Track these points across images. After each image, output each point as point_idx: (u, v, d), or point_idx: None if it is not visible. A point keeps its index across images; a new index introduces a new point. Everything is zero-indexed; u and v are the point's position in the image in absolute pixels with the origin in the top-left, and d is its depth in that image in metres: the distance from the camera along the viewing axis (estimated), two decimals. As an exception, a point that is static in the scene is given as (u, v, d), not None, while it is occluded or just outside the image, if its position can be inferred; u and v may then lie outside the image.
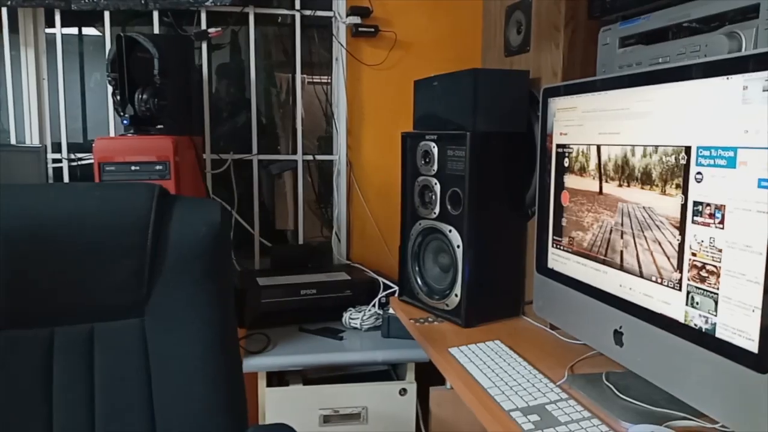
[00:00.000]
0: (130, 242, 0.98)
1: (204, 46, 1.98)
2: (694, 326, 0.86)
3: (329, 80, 2.16)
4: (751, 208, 0.76)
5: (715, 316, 0.82)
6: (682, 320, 0.89)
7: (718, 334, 0.82)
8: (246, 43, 2.02)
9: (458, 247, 1.42)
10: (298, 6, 2.04)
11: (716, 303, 0.82)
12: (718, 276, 0.82)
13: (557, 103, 1.21)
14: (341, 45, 2.05)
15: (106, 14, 1.91)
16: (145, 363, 0.99)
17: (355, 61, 2.08)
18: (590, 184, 1.11)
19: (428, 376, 1.73)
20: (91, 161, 1.94)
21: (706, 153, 0.83)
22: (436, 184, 1.48)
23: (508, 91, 1.41)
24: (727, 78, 0.79)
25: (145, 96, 1.46)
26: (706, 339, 0.84)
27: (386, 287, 1.85)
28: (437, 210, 1.48)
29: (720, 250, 0.81)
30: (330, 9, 2.07)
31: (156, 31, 1.95)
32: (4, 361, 0.92)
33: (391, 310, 1.72)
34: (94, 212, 0.97)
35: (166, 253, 1.00)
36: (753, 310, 0.76)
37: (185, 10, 1.95)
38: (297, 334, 1.74)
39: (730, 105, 0.79)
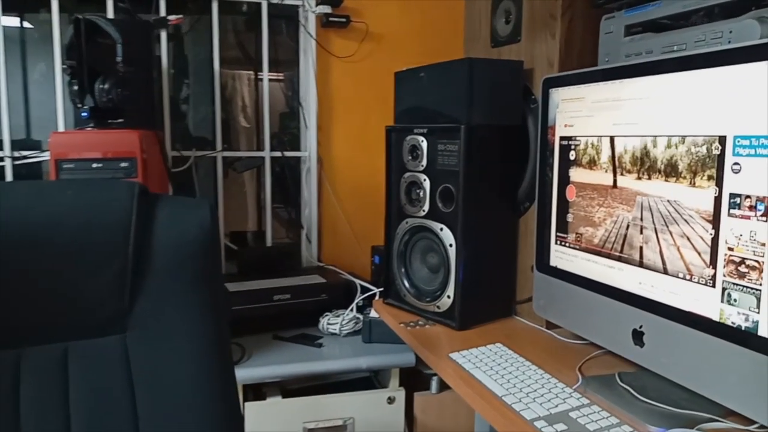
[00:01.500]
0: (109, 248, 0.86)
1: (163, 34, 1.83)
2: (731, 324, 0.82)
3: (289, 75, 2.06)
4: (802, 199, 0.72)
5: (758, 313, 0.78)
6: (716, 318, 0.84)
7: (761, 333, 0.78)
8: (199, 33, 1.90)
9: (450, 246, 1.35)
10: (264, -6, 1.92)
11: (758, 300, 0.78)
12: (761, 271, 0.78)
13: (560, 94, 1.16)
14: (311, 36, 1.95)
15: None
16: (129, 386, 0.87)
17: (324, 53, 1.99)
18: (602, 177, 1.06)
19: (411, 381, 1.66)
20: (38, 159, 1.78)
21: (746, 143, 0.79)
22: (425, 180, 1.40)
23: (501, 82, 1.35)
24: (772, 62, 0.75)
25: (106, 86, 1.32)
26: (746, 337, 0.80)
27: (364, 290, 1.77)
28: (426, 207, 1.41)
29: (763, 244, 0.77)
30: (293, -2, 1.97)
31: (110, 17, 1.79)
32: (-38, 389, 0.79)
33: (372, 314, 1.64)
34: (66, 215, 0.84)
35: (151, 259, 0.88)
36: (806, 307, 0.72)
37: (142, -6, 1.80)
38: (272, 343, 1.63)
39: (775, 91, 0.75)
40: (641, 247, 0.98)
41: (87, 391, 0.85)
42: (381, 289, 1.65)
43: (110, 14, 1.78)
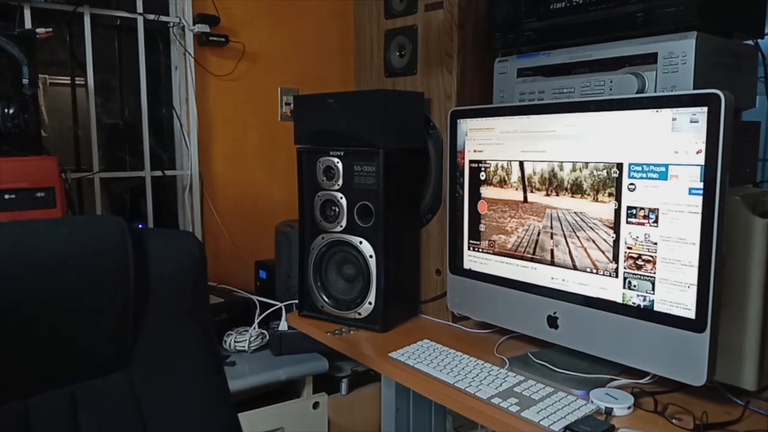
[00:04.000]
0: (110, 287, 0.86)
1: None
2: (632, 304, 1.10)
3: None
4: (683, 210, 1.01)
5: (653, 294, 1.06)
6: (620, 301, 1.12)
7: (656, 308, 1.06)
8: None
9: (371, 257, 1.50)
10: (140, 9, 1.86)
11: (653, 284, 1.06)
12: (654, 263, 1.06)
13: (469, 124, 1.37)
14: (189, 54, 1.94)
15: None
16: (140, 419, 0.88)
17: (199, 70, 1.99)
18: (513, 194, 1.30)
19: (321, 385, 1.76)
20: None
21: (638, 168, 1.07)
22: (341, 198, 1.53)
23: (407, 111, 1.53)
24: (657, 111, 1.03)
25: (12, 110, 1.22)
26: (645, 313, 1.08)
27: (264, 305, 1.82)
28: (344, 223, 1.53)
29: (655, 243, 1.05)
30: (167, 14, 1.94)
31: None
32: (-25, 450, 0.74)
33: (281, 327, 1.71)
34: (63, 258, 0.83)
35: (149, 295, 0.90)
36: (689, 287, 1.01)
37: (7, 4, 1.64)
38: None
39: (659, 132, 1.03)
40: (552, 250, 1.23)
41: (100, 429, 0.84)
42: (285, 303, 1.73)
43: (-37, 24, 1.60)
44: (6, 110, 1.22)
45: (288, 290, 1.82)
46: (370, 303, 1.51)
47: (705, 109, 0.97)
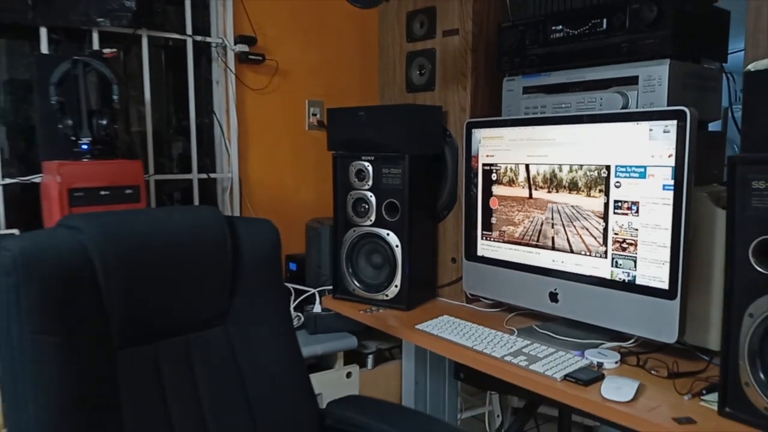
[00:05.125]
0: (215, 260, 1.11)
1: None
2: (618, 279, 1.35)
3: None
4: (658, 202, 1.27)
5: (635, 271, 1.32)
6: (608, 277, 1.37)
7: (638, 282, 1.32)
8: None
9: (397, 246, 1.75)
10: (189, 31, 2.12)
11: (635, 263, 1.32)
12: (636, 246, 1.31)
13: (482, 133, 1.63)
14: (230, 70, 2.19)
15: (-12, 28, 1.77)
16: (236, 364, 1.12)
17: (239, 85, 2.24)
18: (520, 192, 1.55)
19: (349, 360, 2.01)
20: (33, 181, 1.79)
21: (623, 169, 1.33)
22: (371, 196, 1.78)
23: (427, 122, 1.78)
24: (637, 123, 1.29)
25: (105, 122, 1.47)
26: (629, 286, 1.33)
27: (298, 292, 2.07)
28: (373, 218, 1.78)
29: (636, 229, 1.31)
30: (209, 35, 2.19)
31: (44, 49, 1.85)
32: (126, 378, 0.98)
33: (316, 309, 1.96)
34: (187, 234, 1.08)
35: (241, 268, 1.16)
36: (663, 264, 1.27)
37: (75, 28, 1.90)
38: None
39: (641, 140, 1.29)
40: (553, 237, 1.48)
41: (208, 370, 1.10)
42: (317, 289, 1.98)
43: (44, 47, 1.85)
44: (99, 121, 1.47)
45: (318, 279, 2.07)
46: (396, 286, 1.76)
47: (675, 122, 1.23)
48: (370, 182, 1.78)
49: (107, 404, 0.94)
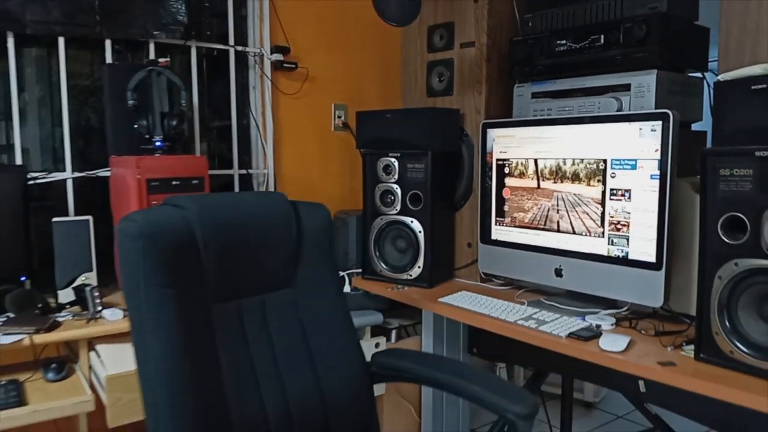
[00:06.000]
0: (285, 232, 1.36)
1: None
2: (614, 255, 1.60)
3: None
4: (646, 189, 1.51)
5: (628, 248, 1.57)
6: (605, 254, 1.62)
7: (630, 257, 1.56)
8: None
9: (420, 232, 2.00)
10: (232, 42, 2.37)
11: (628, 241, 1.57)
12: (628, 226, 1.56)
13: (496, 132, 1.88)
14: (267, 76, 2.44)
15: (61, 40, 2.02)
16: (300, 323, 1.37)
17: (274, 90, 2.49)
18: (529, 182, 1.80)
19: (375, 335, 2.25)
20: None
21: (617, 162, 1.58)
22: (397, 188, 2.03)
23: (446, 123, 2.03)
24: (629, 124, 1.54)
25: (174, 122, 1.72)
26: (623, 261, 1.58)
27: (328, 274, 2.31)
28: (399, 207, 2.03)
29: (629, 213, 1.56)
30: (246, 45, 2.45)
31: (108, 58, 2.11)
32: (219, 325, 1.23)
33: (345, 289, 2.21)
34: (262, 213, 1.33)
35: (303, 240, 1.40)
36: (651, 241, 1.51)
37: (135, 40, 2.15)
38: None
39: (634, 137, 1.54)
40: (558, 221, 1.73)
41: (278, 324, 1.34)
42: (346, 272, 2.23)
43: (108, 56, 2.10)
44: (170, 122, 1.72)
45: (346, 263, 2.32)
46: (419, 267, 2.01)
47: (660, 122, 1.48)
48: (396, 176, 2.03)
49: (208, 343, 1.18)
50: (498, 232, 1.91)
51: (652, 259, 1.52)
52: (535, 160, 1.78)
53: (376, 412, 1.43)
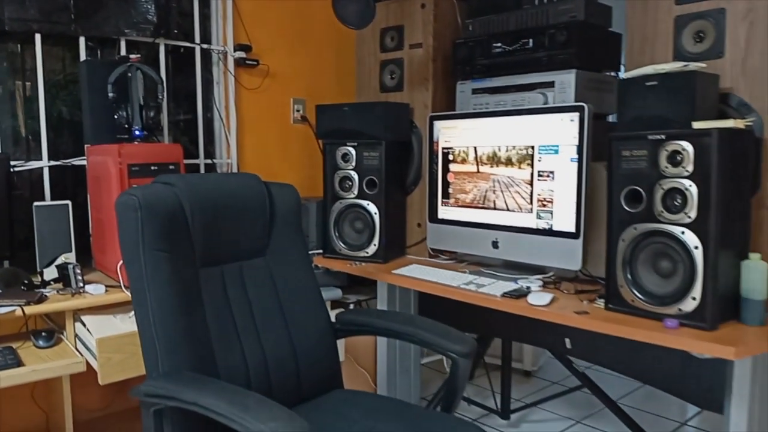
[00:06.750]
0: (260, 208, 1.57)
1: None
2: (541, 228, 1.87)
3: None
4: (567, 171, 1.79)
5: (552, 220, 1.84)
6: (534, 227, 1.89)
7: (554, 229, 1.84)
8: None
9: (375, 214, 2.23)
10: (198, 40, 2.54)
11: (552, 215, 1.84)
12: (553, 203, 1.84)
13: (442, 124, 2.13)
14: (230, 72, 2.63)
15: (38, 37, 2.15)
16: (273, 286, 1.57)
17: (236, 85, 2.68)
18: (470, 168, 2.06)
19: (335, 308, 2.47)
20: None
21: (543, 148, 1.85)
22: (355, 175, 2.25)
23: (399, 115, 2.27)
24: (553, 115, 1.81)
25: (152, 113, 1.90)
26: (548, 232, 1.85)
27: (290, 255, 2.51)
28: (356, 192, 2.26)
29: (553, 191, 1.83)
30: (209, 43, 2.62)
31: (82, 55, 2.25)
32: (205, 287, 1.43)
33: (308, 268, 2.41)
34: (240, 191, 1.53)
35: (275, 215, 1.61)
36: (571, 214, 1.79)
37: (107, 38, 2.30)
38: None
39: (557, 126, 1.81)
40: (494, 200, 2.00)
41: (255, 288, 1.54)
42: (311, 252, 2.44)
43: (82, 53, 2.25)
44: (149, 113, 1.89)
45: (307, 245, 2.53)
46: (375, 245, 2.24)
47: (577, 114, 1.76)
48: (354, 163, 2.26)
49: (196, 300, 1.38)
50: (444, 212, 2.17)
51: (572, 229, 1.80)
52: (475, 148, 2.04)
53: (339, 364, 1.65)
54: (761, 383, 1.55)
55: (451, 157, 2.12)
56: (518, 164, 1.92)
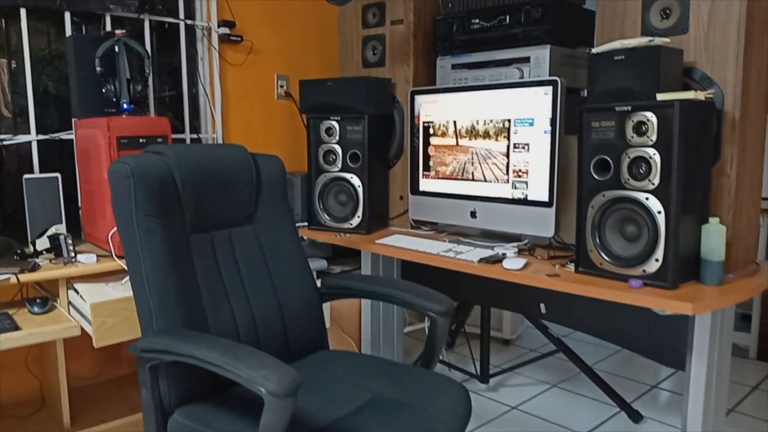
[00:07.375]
0: (247, 178, 1.63)
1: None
2: (516, 198, 1.96)
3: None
4: (542, 143, 1.87)
5: (527, 190, 1.93)
6: (510, 197, 1.98)
7: (529, 198, 1.93)
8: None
9: (359, 187, 2.30)
10: (182, 16, 2.57)
11: (527, 185, 1.93)
12: (528, 173, 1.92)
13: (422, 99, 2.20)
14: (215, 48, 2.67)
15: (23, 11, 2.17)
16: (261, 252, 1.65)
17: (221, 61, 2.72)
18: (449, 141, 2.14)
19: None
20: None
21: (519, 121, 1.93)
22: (338, 148, 2.32)
23: (381, 90, 2.34)
24: (528, 89, 1.89)
25: (139, 87, 1.94)
26: (524, 201, 1.94)
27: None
28: (340, 165, 2.33)
29: (528, 162, 1.92)
30: (193, 19, 2.65)
31: (68, 30, 2.28)
32: (196, 252, 1.50)
33: (293, 240, 2.49)
34: (227, 161, 1.60)
35: (261, 185, 1.68)
36: (545, 184, 1.88)
37: (92, 13, 2.32)
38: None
39: (532, 100, 1.89)
40: (473, 172, 2.08)
41: (243, 253, 1.62)
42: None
43: (67, 28, 2.27)
44: (136, 87, 1.94)
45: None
46: (358, 217, 2.32)
47: (551, 88, 1.84)
48: (337, 137, 2.32)
49: (188, 264, 1.45)
50: (425, 184, 2.25)
51: (546, 198, 1.89)
52: (455, 122, 2.11)
53: (325, 326, 1.74)
54: (721, 340, 1.66)
55: (431, 131, 2.19)
56: (495, 137, 2.00)
